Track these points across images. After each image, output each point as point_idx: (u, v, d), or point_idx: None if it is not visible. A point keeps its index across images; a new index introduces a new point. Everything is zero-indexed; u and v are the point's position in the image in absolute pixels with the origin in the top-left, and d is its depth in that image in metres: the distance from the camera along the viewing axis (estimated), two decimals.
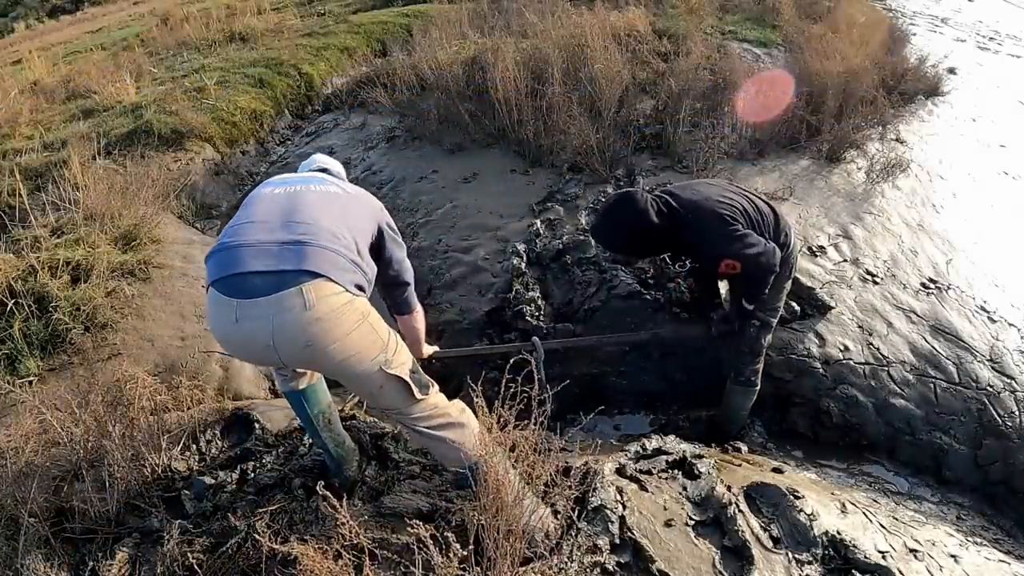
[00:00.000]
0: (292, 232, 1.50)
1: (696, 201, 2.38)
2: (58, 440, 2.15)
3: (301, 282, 1.42)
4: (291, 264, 1.43)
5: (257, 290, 1.42)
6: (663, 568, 1.77)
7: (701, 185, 2.55)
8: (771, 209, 2.53)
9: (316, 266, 1.45)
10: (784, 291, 2.67)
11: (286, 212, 1.57)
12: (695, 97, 4.33)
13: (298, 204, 1.60)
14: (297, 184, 1.71)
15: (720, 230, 2.32)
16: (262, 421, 2.44)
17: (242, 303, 1.42)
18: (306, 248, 1.47)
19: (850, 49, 4.82)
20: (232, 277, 1.44)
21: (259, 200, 1.66)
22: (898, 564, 1.90)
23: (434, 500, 2.01)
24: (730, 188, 2.54)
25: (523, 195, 3.95)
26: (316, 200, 1.63)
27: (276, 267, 1.43)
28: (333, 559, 1.56)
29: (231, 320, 1.44)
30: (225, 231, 1.60)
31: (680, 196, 2.42)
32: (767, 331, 2.64)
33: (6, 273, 3.07)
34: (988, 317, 3.12)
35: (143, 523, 1.93)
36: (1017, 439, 2.64)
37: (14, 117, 5.78)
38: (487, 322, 3.25)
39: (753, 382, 2.69)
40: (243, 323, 1.43)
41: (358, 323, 1.52)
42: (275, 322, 1.41)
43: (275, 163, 5.52)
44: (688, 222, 2.36)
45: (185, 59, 7.49)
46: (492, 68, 4.44)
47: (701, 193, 2.43)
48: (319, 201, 1.63)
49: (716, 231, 2.33)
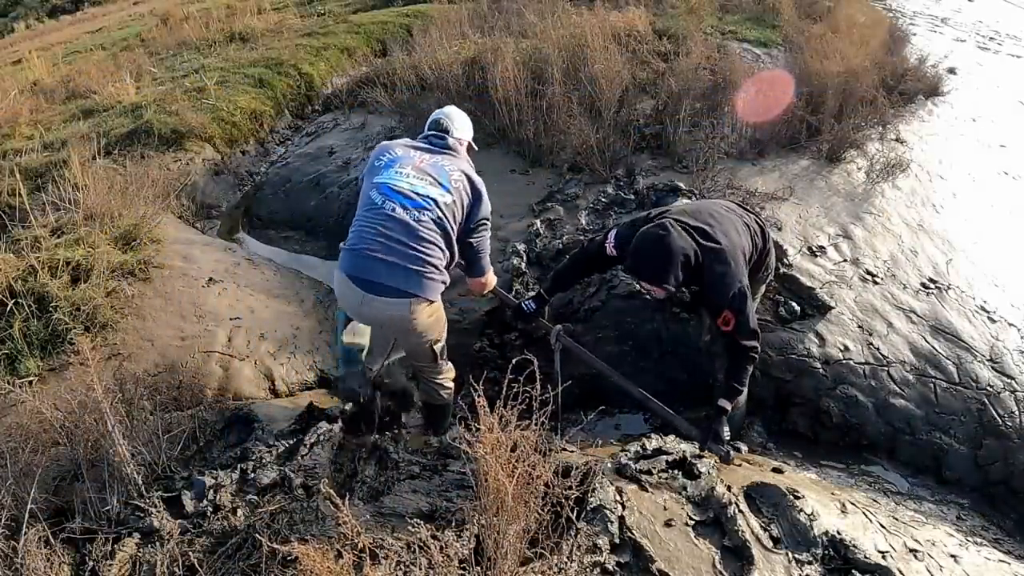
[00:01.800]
0: (409, 261, 2.15)
1: (718, 238, 2.31)
2: (58, 440, 2.15)
3: (410, 299, 2.16)
4: (406, 286, 2.15)
5: (381, 291, 2.15)
6: (663, 568, 1.77)
7: (713, 215, 2.44)
8: (759, 226, 2.55)
9: (421, 291, 2.17)
10: (759, 292, 2.66)
11: (407, 235, 2.17)
12: (695, 97, 4.33)
13: (414, 231, 2.17)
14: (418, 189, 2.23)
15: (731, 275, 2.27)
16: (262, 421, 2.44)
17: (367, 296, 2.16)
18: (417, 277, 2.16)
19: (850, 49, 4.82)
20: (365, 280, 2.15)
21: (385, 209, 2.20)
22: (898, 564, 1.90)
23: (434, 500, 2.01)
24: (736, 220, 2.48)
25: (523, 195, 3.95)
26: (428, 223, 2.20)
27: (397, 285, 2.14)
28: (333, 559, 1.56)
29: (357, 302, 2.19)
30: (357, 231, 2.22)
31: (703, 229, 2.32)
32: None
33: (6, 273, 3.06)
34: (988, 317, 3.12)
35: (143, 523, 1.93)
36: (1017, 439, 2.64)
37: (14, 117, 5.78)
38: (487, 322, 3.25)
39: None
40: (365, 307, 2.20)
41: (435, 322, 2.31)
42: (388, 313, 2.20)
43: (275, 163, 5.52)
44: (711, 261, 2.28)
45: (185, 59, 7.49)
46: (492, 68, 4.45)
47: (720, 227, 2.36)
48: (429, 224, 2.21)
49: (726, 280, 2.26)
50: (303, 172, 5.01)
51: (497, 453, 1.65)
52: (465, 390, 2.78)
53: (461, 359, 3.13)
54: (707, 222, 2.35)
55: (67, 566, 1.77)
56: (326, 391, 3.06)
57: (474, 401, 1.73)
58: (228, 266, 3.65)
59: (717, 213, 2.45)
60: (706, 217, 2.39)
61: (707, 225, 2.33)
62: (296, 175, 5.02)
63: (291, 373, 3.06)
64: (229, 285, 3.45)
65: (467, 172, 2.33)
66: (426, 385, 2.55)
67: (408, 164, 2.27)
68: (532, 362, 1.85)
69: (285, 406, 2.68)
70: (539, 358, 1.96)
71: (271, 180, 5.18)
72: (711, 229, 2.32)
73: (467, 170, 2.34)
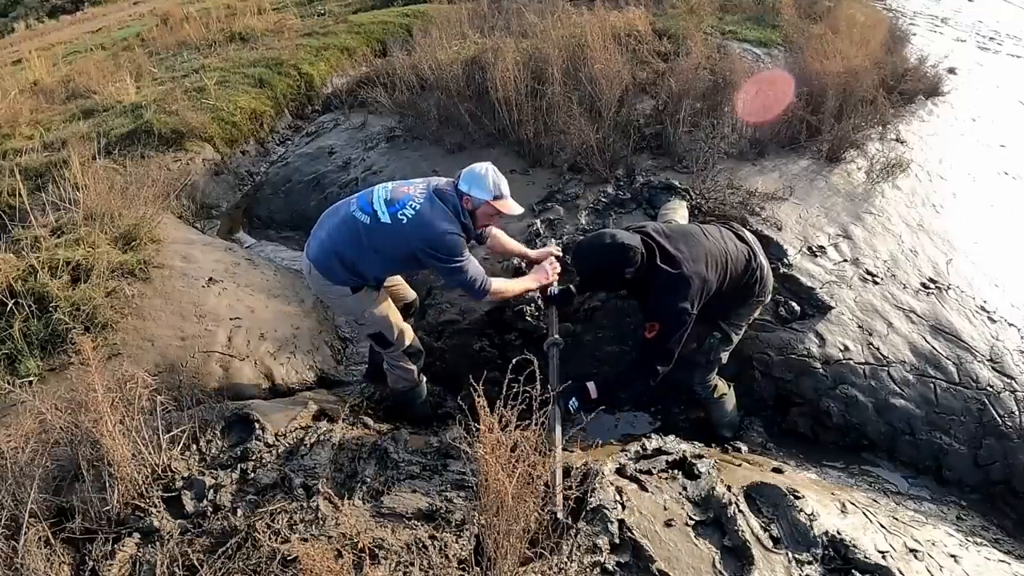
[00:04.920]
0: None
1: (680, 260, 2.31)
2: (58, 440, 2.15)
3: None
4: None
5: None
6: (663, 568, 1.77)
7: (693, 237, 2.44)
8: (748, 250, 2.52)
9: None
10: (754, 309, 2.65)
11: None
12: (695, 97, 4.32)
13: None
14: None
15: (675, 298, 2.28)
16: (262, 421, 2.44)
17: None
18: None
19: (850, 49, 4.82)
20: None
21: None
22: (898, 564, 1.90)
23: (434, 500, 2.01)
24: (717, 245, 2.45)
25: (523, 195, 3.94)
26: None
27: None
28: (333, 559, 1.56)
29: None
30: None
31: (667, 249, 2.34)
32: (727, 344, 2.61)
33: (6, 273, 3.06)
34: (988, 317, 3.12)
35: (143, 523, 1.93)
36: (1017, 439, 2.64)
37: (14, 117, 5.77)
38: (487, 322, 3.25)
39: (709, 396, 2.68)
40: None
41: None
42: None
43: (275, 163, 5.53)
44: (660, 279, 2.30)
45: (185, 59, 7.49)
46: (492, 68, 4.44)
47: (690, 252, 2.35)
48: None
49: (668, 299, 2.29)
50: (303, 172, 5.01)
51: (497, 453, 1.66)
52: (465, 390, 2.78)
53: (461, 359, 3.15)
54: (677, 247, 2.34)
55: (67, 566, 1.78)
56: (326, 391, 3.06)
57: (474, 401, 1.74)
58: (228, 266, 3.65)
59: (694, 239, 2.42)
60: (678, 241, 2.37)
61: (676, 249, 2.33)
62: (296, 175, 5.02)
63: (291, 373, 3.06)
64: (229, 285, 3.45)
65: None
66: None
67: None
68: (532, 362, 1.85)
69: (285, 406, 2.68)
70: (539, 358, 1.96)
71: (271, 180, 5.18)
72: (678, 253, 2.31)
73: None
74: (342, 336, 3.54)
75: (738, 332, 2.63)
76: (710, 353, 2.60)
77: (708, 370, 2.64)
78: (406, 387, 2.80)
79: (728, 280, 2.42)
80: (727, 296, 2.46)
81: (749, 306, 2.61)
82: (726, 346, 2.60)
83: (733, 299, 2.52)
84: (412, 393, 2.83)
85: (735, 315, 2.59)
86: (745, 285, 2.51)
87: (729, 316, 2.58)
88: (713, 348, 2.59)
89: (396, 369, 2.73)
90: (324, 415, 2.60)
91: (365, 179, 4.59)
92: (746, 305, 2.59)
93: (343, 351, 3.44)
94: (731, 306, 2.56)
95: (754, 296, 2.57)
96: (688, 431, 2.78)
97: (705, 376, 2.65)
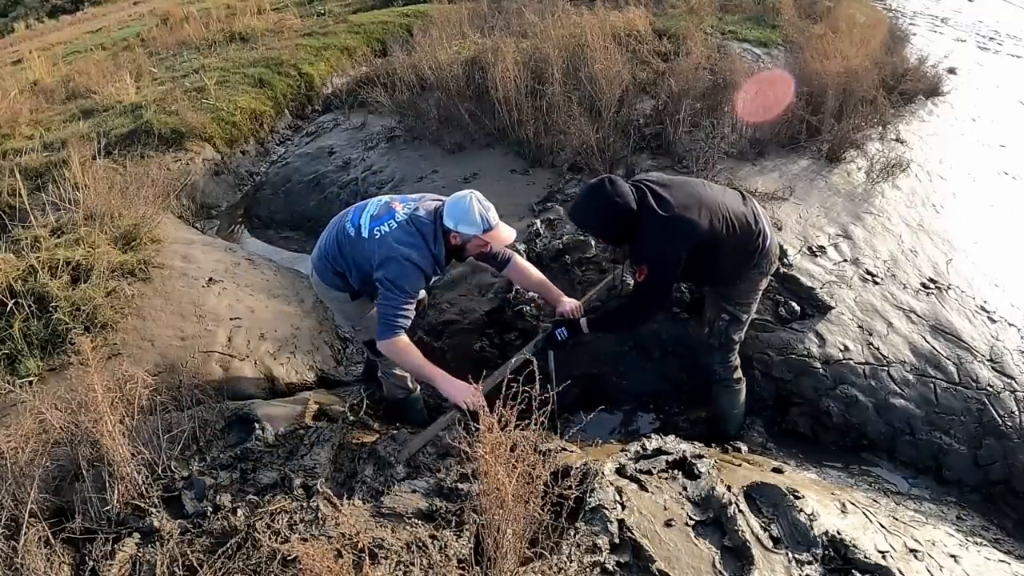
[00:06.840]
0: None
1: (671, 204, 2.28)
2: (58, 440, 2.15)
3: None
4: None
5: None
6: (663, 568, 1.77)
7: (690, 186, 2.43)
8: (751, 212, 2.46)
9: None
10: (759, 286, 2.57)
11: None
12: (695, 97, 4.32)
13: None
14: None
15: (662, 239, 2.27)
16: (262, 421, 2.44)
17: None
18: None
19: (850, 49, 4.82)
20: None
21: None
22: (898, 564, 1.90)
23: (434, 500, 2.01)
24: (716, 198, 2.41)
25: (523, 195, 3.95)
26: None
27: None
28: (333, 559, 1.56)
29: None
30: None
31: (659, 192, 2.32)
32: (737, 326, 2.58)
33: (6, 273, 3.06)
34: (988, 317, 3.12)
35: (143, 523, 1.93)
36: (1017, 439, 2.64)
37: (14, 117, 5.78)
38: (487, 322, 3.25)
39: (729, 378, 2.66)
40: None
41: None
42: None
43: (275, 163, 5.53)
44: (649, 221, 2.28)
45: (185, 59, 7.50)
46: (492, 68, 4.44)
47: (683, 198, 2.32)
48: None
49: (656, 241, 2.28)
50: (303, 172, 5.01)
51: (497, 453, 1.66)
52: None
53: (461, 359, 3.14)
54: (671, 193, 2.31)
55: (67, 566, 1.78)
56: (326, 391, 3.06)
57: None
58: (228, 266, 3.65)
59: (690, 187, 2.40)
60: (671, 188, 2.34)
61: (669, 195, 2.30)
62: (296, 175, 5.02)
63: (291, 373, 3.06)
64: (229, 285, 3.45)
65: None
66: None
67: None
68: (532, 362, 1.86)
69: (285, 406, 2.68)
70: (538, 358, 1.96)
71: (271, 180, 5.19)
72: (670, 198, 2.29)
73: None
74: (342, 336, 3.54)
75: (746, 311, 2.58)
76: (721, 336, 2.59)
77: (726, 351, 2.62)
78: (401, 395, 2.78)
79: (725, 233, 2.34)
80: (726, 257, 2.40)
81: (750, 280, 2.52)
82: (737, 327, 2.58)
83: (732, 262, 2.45)
84: (407, 401, 2.81)
85: (737, 292, 2.53)
86: (745, 250, 2.43)
87: (730, 292, 2.53)
88: (723, 331, 2.58)
89: (391, 377, 2.71)
90: (324, 415, 2.59)
91: (365, 179, 4.60)
92: (746, 279, 2.51)
93: (343, 351, 3.44)
94: (729, 273, 2.49)
95: (754, 265, 2.48)
96: (688, 431, 2.78)
97: (726, 356, 2.63)
